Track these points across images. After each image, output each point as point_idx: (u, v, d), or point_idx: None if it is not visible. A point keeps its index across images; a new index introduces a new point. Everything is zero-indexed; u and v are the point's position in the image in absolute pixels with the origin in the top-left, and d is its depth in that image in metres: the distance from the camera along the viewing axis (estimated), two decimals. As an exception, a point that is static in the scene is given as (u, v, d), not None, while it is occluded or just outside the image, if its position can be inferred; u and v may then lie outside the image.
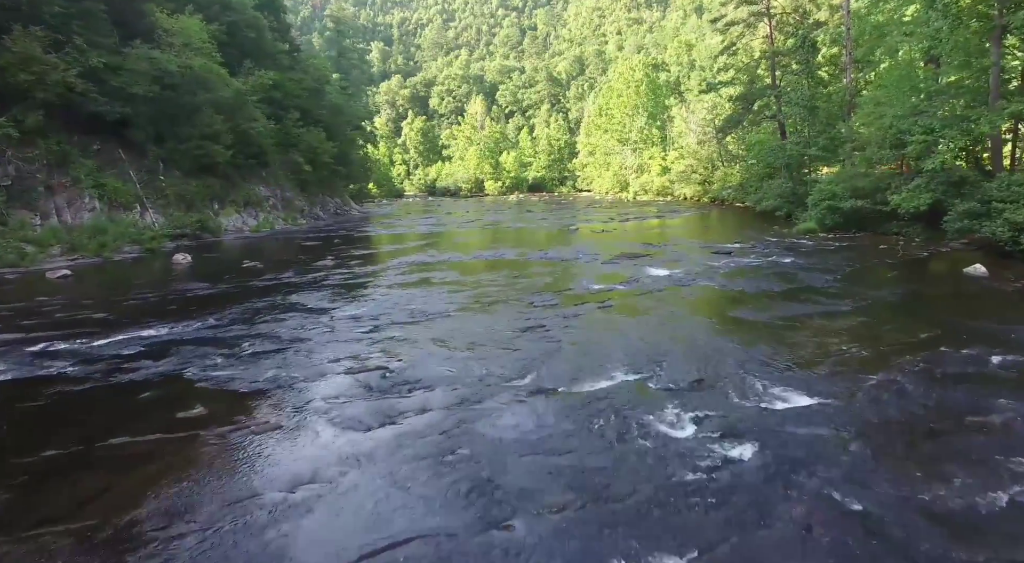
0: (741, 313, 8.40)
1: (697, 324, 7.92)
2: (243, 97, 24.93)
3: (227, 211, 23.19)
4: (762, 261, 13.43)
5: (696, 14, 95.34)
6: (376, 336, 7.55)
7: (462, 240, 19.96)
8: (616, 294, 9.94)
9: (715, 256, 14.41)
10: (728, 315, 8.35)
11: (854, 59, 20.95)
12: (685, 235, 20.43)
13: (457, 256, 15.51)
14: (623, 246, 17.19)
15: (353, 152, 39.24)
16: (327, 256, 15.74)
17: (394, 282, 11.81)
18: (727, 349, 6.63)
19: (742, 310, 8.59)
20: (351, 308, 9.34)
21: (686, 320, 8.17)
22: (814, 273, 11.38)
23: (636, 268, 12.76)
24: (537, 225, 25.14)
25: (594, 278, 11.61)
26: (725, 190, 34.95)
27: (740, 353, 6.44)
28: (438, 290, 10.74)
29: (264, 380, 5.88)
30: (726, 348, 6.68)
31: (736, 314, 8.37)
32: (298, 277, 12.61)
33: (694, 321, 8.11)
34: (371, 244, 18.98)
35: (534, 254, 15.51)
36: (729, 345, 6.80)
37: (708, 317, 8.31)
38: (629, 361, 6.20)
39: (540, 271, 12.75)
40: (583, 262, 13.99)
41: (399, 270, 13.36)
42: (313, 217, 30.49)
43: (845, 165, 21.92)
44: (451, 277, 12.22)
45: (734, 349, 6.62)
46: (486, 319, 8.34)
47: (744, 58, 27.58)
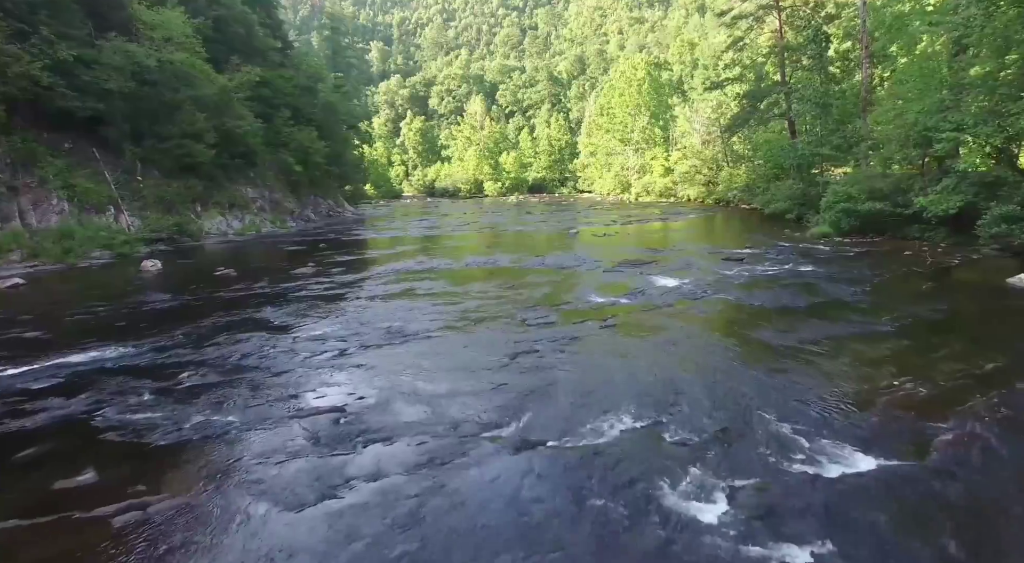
0: (765, 335, 7.29)
1: (715, 349, 6.81)
2: (228, 94, 23.87)
3: (210, 213, 22.12)
4: (778, 269, 12.33)
5: (699, 13, 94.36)
6: (340, 363, 6.46)
7: (455, 245, 18.88)
8: (619, 309, 8.84)
9: (726, 263, 13.32)
10: (750, 337, 7.24)
11: (870, 54, 19.81)
12: (691, 239, 19.33)
13: (447, 263, 14.42)
14: (626, 251, 16.11)
15: (347, 152, 38.18)
16: (308, 262, 14.66)
17: (375, 293, 10.71)
18: (754, 384, 5.52)
19: (765, 331, 7.48)
20: (320, 326, 8.24)
21: (701, 344, 7.06)
22: (839, 284, 10.28)
23: (641, 277, 11.66)
24: (535, 228, 24.05)
25: (595, 289, 10.52)
26: (731, 192, 33.84)
27: (771, 390, 5.34)
28: (421, 304, 9.64)
29: (190, 427, 4.78)
30: (753, 383, 5.57)
31: (759, 336, 7.26)
32: (270, 287, 11.53)
33: (711, 345, 7.00)
34: (358, 249, 17.90)
35: (530, 261, 14.42)
36: (756, 378, 5.69)
37: (727, 340, 7.20)
38: (637, 401, 5.10)
39: (536, 280, 11.66)
40: (583, 270, 12.89)
41: (382, 279, 12.27)
42: (304, 219, 29.42)
43: (859, 165, 20.82)
44: (438, 288, 11.12)
45: (763, 384, 5.51)
46: (470, 342, 7.24)
47: (752, 54, 26.44)
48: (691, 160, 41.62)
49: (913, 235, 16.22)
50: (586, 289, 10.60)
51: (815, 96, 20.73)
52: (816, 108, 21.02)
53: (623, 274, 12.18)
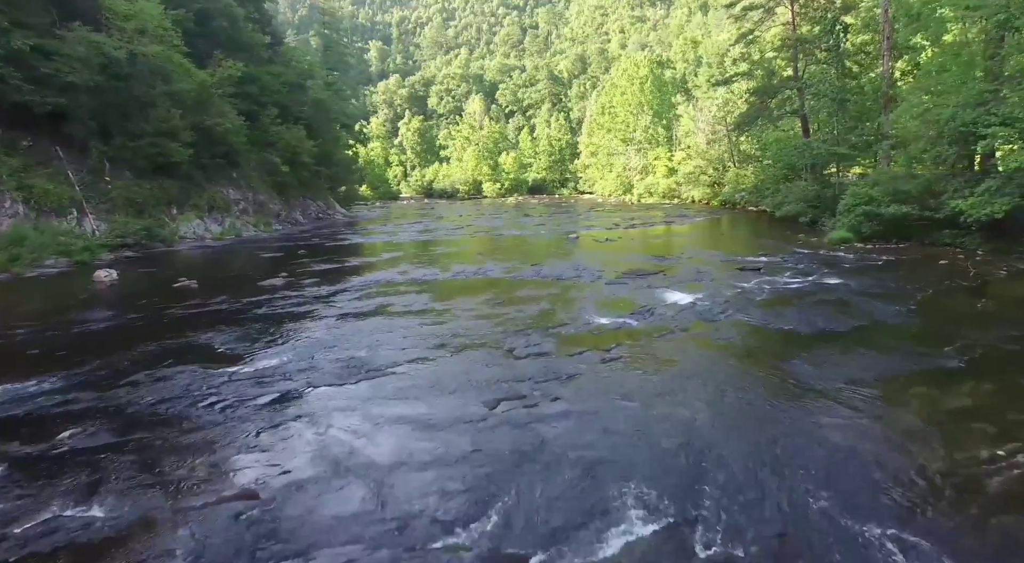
0: (805, 372, 5.92)
1: (747, 395, 5.44)
2: (208, 90, 22.56)
3: (186, 216, 20.78)
4: (802, 282, 10.97)
5: (701, 11, 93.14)
6: (274, 416, 5.10)
7: (446, 251, 17.53)
8: (625, 335, 7.48)
9: (742, 274, 11.97)
10: (788, 377, 5.87)
11: (891, 45, 18.44)
12: (700, 245, 17.96)
13: (434, 273, 13.07)
14: (630, 259, 14.77)
15: (338, 152, 36.84)
16: (281, 272, 13.31)
17: (345, 312, 9.36)
18: (808, 454, 4.16)
19: (805, 366, 6.11)
20: (269, 356, 6.88)
21: (729, 387, 5.68)
22: (877, 301, 8.92)
23: (648, 291, 10.31)
24: (533, 232, 22.69)
25: (596, 307, 9.17)
26: (738, 193, 32.48)
27: (832, 465, 3.98)
28: (395, 326, 8.29)
29: (34, 527, 3.43)
30: (805, 452, 4.21)
31: (799, 374, 5.88)
32: (230, 303, 10.18)
33: (741, 389, 5.62)
34: (339, 256, 16.55)
35: (526, 270, 13.06)
36: (808, 445, 4.33)
37: (760, 380, 5.83)
38: (651, 482, 3.75)
39: (530, 295, 10.31)
40: (583, 282, 11.54)
41: (358, 293, 10.92)
42: (290, 222, 28.07)
43: (880, 165, 19.46)
44: (418, 304, 9.77)
45: (819, 455, 4.15)
46: (443, 382, 5.88)
47: (762, 48, 25.04)
48: (696, 160, 40.32)
49: (943, 241, 14.89)
50: (586, 306, 9.25)
51: (831, 91, 19.35)
52: (832, 104, 19.66)
53: (627, 287, 10.83)
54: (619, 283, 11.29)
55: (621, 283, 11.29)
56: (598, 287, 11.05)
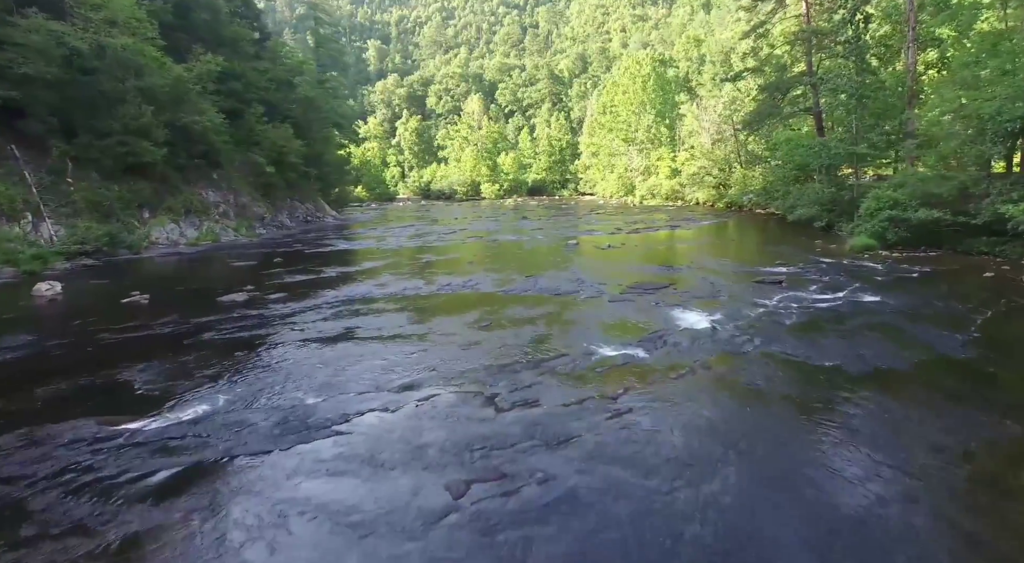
0: (869, 435, 4.55)
1: (796, 471, 4.06)
2: (185, 86, 21.19)
3: (159, 220, 19.42)
4: (832, 298, 9.62)
5: (704, 10, 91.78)
6: (155, 509, 3.73)
7: (434, 259, 16.17)
8: (634, 374, 6.11)
9: (762, 289, 10.62)
10: (845, 442, 4.48)
11: (916, 36, 17.07)
12: (710, 252, 16.59)
13: (417, 287, 11.70)
14: (636, 269, 13.41)
15: (330, 152, 35.46)
16: (247, 285, 11.96)
17: (306, 337, 8.00)
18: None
19: (866, 423, 4.75)
20: (191, 405, 5.53)
21: (771, 458, 4.30)
22: (930, 326, 7.57)
23: (658, 310, 8.96)
24: (531, 237, 21.32)
25: (599, 332, 7.81)
26: (745, 195, 31.08)
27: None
28: (358, 359, 6.93)
29: None
30: None
31: (863, 439, 4.50)
32: (177, 324, 8.82)
33: (786, 460, 4.25)
34: (318, 265, 15.19)
35: (520, 283, 11.70)
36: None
37: (810, 447, 4.45)
38: None
39: (523, 315, 8.95)
40: (583, 298, 10.18)
41: (327, 312, 9.56)
42: (276, 226, 26.69)
43: (903, 166, 18.11)
44: (392, 328, 8.41)
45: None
46: (398, 451, 4.50)
47: (774, 41, 23.63)
48: (700, 161, 38.92)
49: (980, 249, 13.54)
50: (587, 331, 7.89)
51: (850, 87, 17.98)
52: (851, 100, 18.27)
53: (634, 305, 9.47)
54: (624, 299, 9.94)
55: (626, 299, 9.94)
56: (600, 304, 9.70)
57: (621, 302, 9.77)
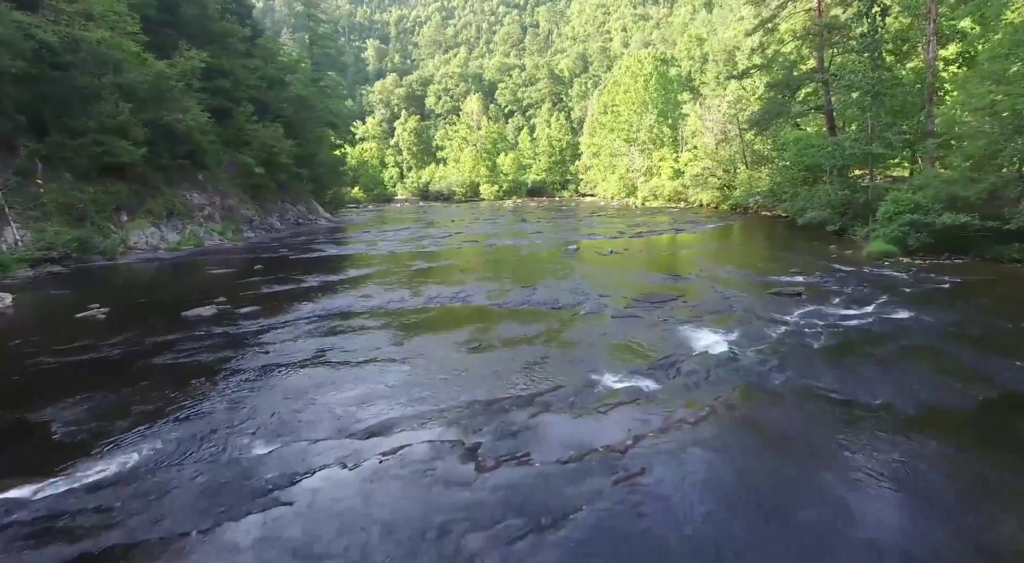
0: (931, 496, 3.58)
1: (851, 558, 3.11)
2: (167, 82, 20.23)
3: (138, 224, 18.46)
4: (861, 314, 8.65)
5: (705, 9, 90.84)
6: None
7: (425, 266, 15.20)
8: (644, 413, 5.15)
9: (780, 302, 9.66)
10: (912, 517, 3.53)
11: (937, 29, 16.07)
12: (719, 259, 15.60)
13: (403, 299, 10.73)
14: (641, 279, 12.42)
15: (322, 152, 34.49)
16: (221, 295, 11.00)
17: (268, 363, 7.04)
18: None
19: (930, 486, 3.77)
20: (107, 460, 4.56)
21: (819, 531, 3.33)
22: (984, 351, 6.59)
23: (668, 329, 7.99)
24: (529, 242, 20.35)
25: (602, 358, 6.85)
26: (751, 197, 30.09)
27: None
28: (322, 393, 5.96)
29: None
30: None
31: (927, 502, 3.54)
32: (128, 346, 7.87)
33: (836, 537, 3.28)
34: (300, 273, 14.23)
35: (515, 295, 10.74)
36: None
37: (861, 518, 3.49)
38: None
39: (516, 334, 7.99)
40: (585, 313, 9.21)
41: (299, 330, 8.59)
42: (265, 229, 25.72)
43: (924, 166, 17.13)
44: (368, 350, 7.45)
45: None
46: (344, 538, 3.51)
47: (784, 36, 22.62)
48: (704, 161, 37.96)
49: (1012, 256, 12.59)
50: (588, 355, 6.93)
51: (866, 83, 16.99)
52: (866, 98, 17.28)
53: (640, 322, 8.50)
54: (629, 315, 8.97)
55: (632, 315, 8.97)
56: (603, 321, 8.74)
57: (626, 318, 8.80)
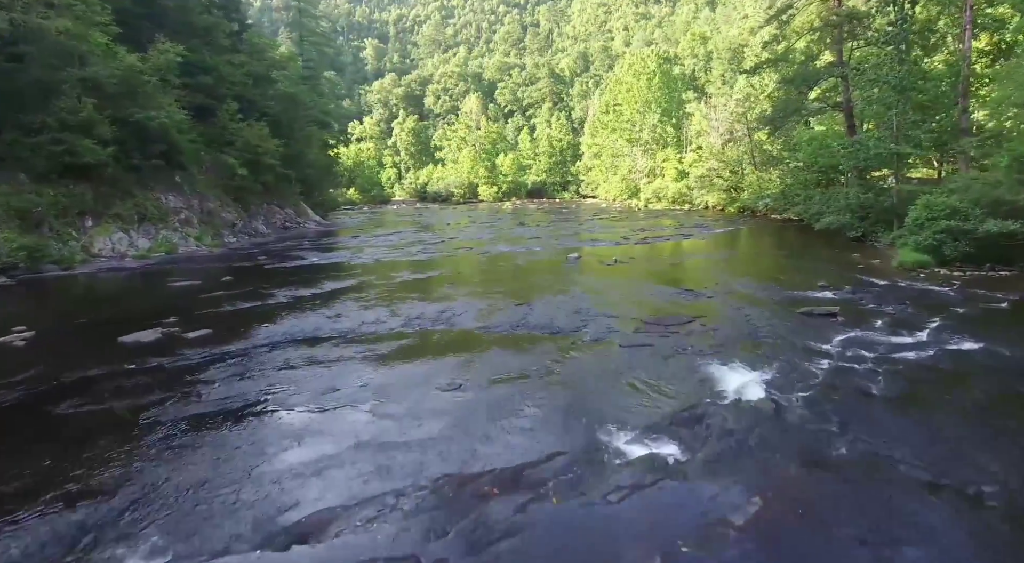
0: None
1: None
2: (139, 77, 18.86)
3: (103, 229, 17.10)
4: (916, 343, 7.30)
5: (708, 7, 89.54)
6: None
7: (411, 278, 13.82)
8: (671, 504, 3.76)
9: (813, 325, 8.32)
10: None
11: (973, 18, 14.69)
12: (734, 269, 14.22)
13: (379, 320, 9.35)
14: (650, 294, 11.03)
15: (312, 152, 33.10)
16: (173, 314, 9.64)
17: (200, 411, 5.66)
18: None
19: None
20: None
21: None
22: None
23: (688, 365, 6.62)
24: (526, 248, 18.97)
25: (610, 407, 5.46)
26: (761, 199, 28.69)
27: None
28: (253, 461, 4.58)
29: None
30: None
31: None
32: (36, 384, 6.49)
33: None
34: (275, 284, 12.86)
35: (508, 315, 9.36)
36: None
37: None
38: None
39: (505, 370, 6.60)
40: (588, 340, 7.84)
41: (247, 363, 7.20)
42: (249, 233, 24.34)
43: (959, 168, 15.75)
44: (324, 394, 6.07)
45: None
46: None
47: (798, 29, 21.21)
48: (710, 162, 36.60)
49: (1068, 270, 11.23)
50: (593, 402, 5.56)
51: (893, 78, 15.60)
52: (892, 93, 15.89)
53: (655, 353, 7.12)
54: (640, 344, 7.59)
55: (643, 343, 7.59)
56: (610, 351, 7.36)
57: (637, 348, 7.42)
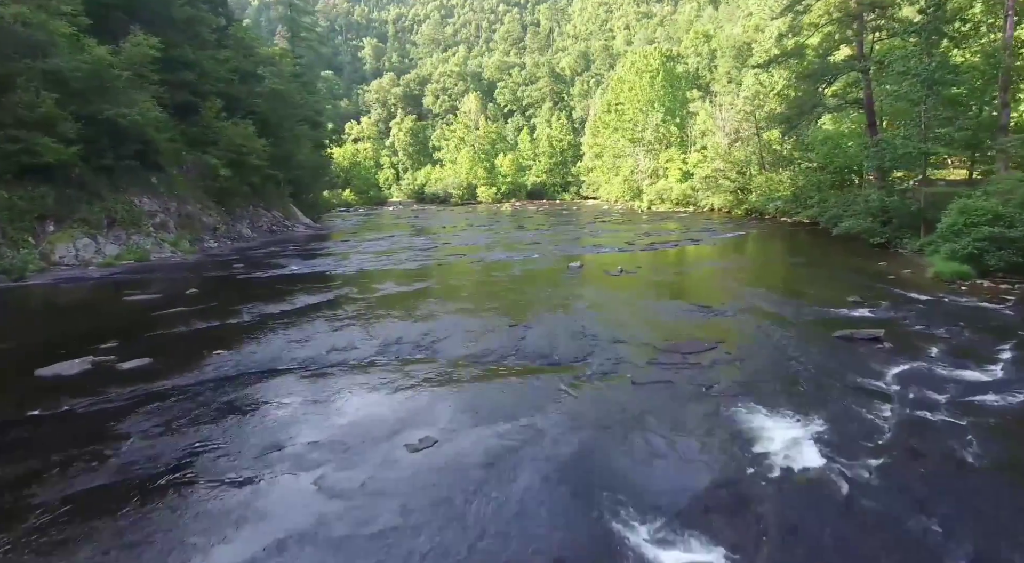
0: None
1: None
2: (108, 71, 17.58)
3: (67, 234, 15.82)
4: (991, 381, 6.09)
5: (712, 5, 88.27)
6: None
7: (395, 292, 12.50)
8: None
9: (856, 352, 7.10)
10: None
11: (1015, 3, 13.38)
12: (752, 280, 12.90)
13: (347, 348, 8.04)
14: (662, 312, 9.68)
15: (302, 152, 31.80)
16: (113, 338, 8.37)
17: (100, 487, 4.37)
18: None
19: None
20: None
21: None
22: None
23: (717, 412, 5.32)
24: (524, 256, 17.65)
25: (626, 478, 4.15)
26: (772, 202, 27.36)
27: None
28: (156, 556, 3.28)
29: None
30: None
31: None
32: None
33: None
34: (242, 298, 11.57)
35: (500, 340, 8.05)
36: None
37: None
38: None
39: (488, 424, 5.27)
40: (593, 375, 6.55)
41: (180, 411, 5.91)
42: (232, 237, 23.03)
43: (997, 168, 14.44)
44: (259, 457, 4.76)
45: None
46: None
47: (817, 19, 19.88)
48: (715, 163, 35.26)
49: None
50: (602, 470, 4.26)
51: (924, 70, 14.30)
52: (922, 87, 14.58)
53: (674, 394, 5.82)
54: (656, 380, 6.31)
55: (659, 380, 6.30)
56: (621, 391, 6.08)
57: (652, 386, 6.14)
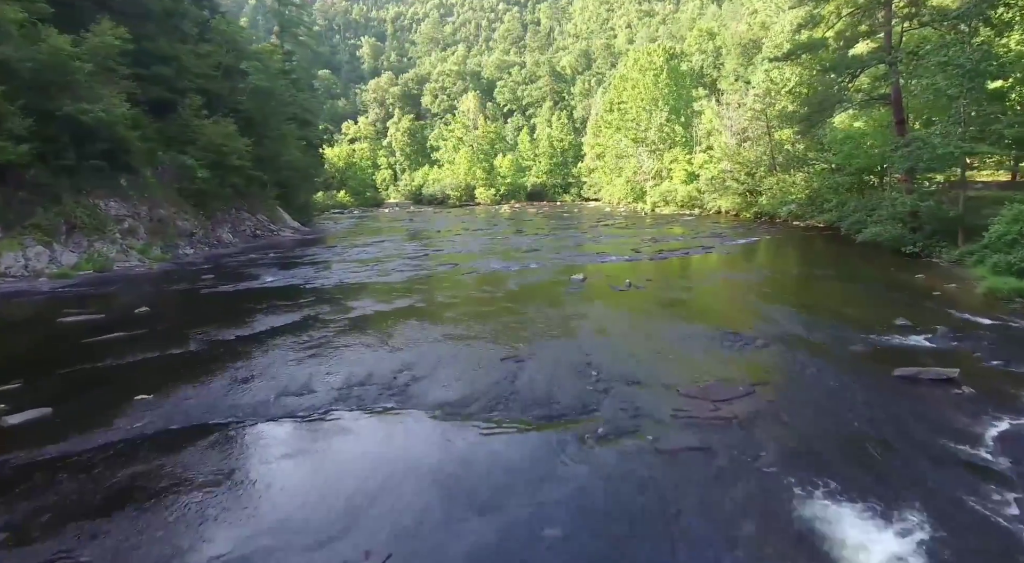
0: None
1: None
2: (68, 63, 16.12)
3: (15, 242, 14.35)
4: None
5: (715, 3, 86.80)
6: None
7: (371, 312, 10.99)
8: None
9: (924, 397, 5.67)
10: None
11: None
12: (780, 297, 11.41)
13: (302, 391, 6.57)
14: (681, 340, 8.14)
15: (289, 152, 30.32)
16: (19, 376, 6.94)
17: None
18: None
19: None
20: None
21: None
22: None
23: (769, 496, 3.83)
24: (521, 266, 16.16)
25: None
26: (785, 205, 25.87)
27: None
28: None
29: None
30: None
31: None
32: None
33: None
34: (198, 320, 10.12)
35: (485, 382, 6.58)
36: None
37: None
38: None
39: (465, 515, 3.76)
40: (603, 439, 5.06)
41: (79, 479, 4.43)
42: (210, 243, 21.56)
43: None
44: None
45: None
46: None
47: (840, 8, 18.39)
48: (723, 164, 33.81)
49: None
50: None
51: (968, 60, 12.84)
52: (962, 79, 13.12)
53: (712, 468, 4.35)
54: (686, 447, 4.85)
55: (691, 447, 4.85)
56: (641, 462, 4.61)
57: (682, 457, 4.69)
